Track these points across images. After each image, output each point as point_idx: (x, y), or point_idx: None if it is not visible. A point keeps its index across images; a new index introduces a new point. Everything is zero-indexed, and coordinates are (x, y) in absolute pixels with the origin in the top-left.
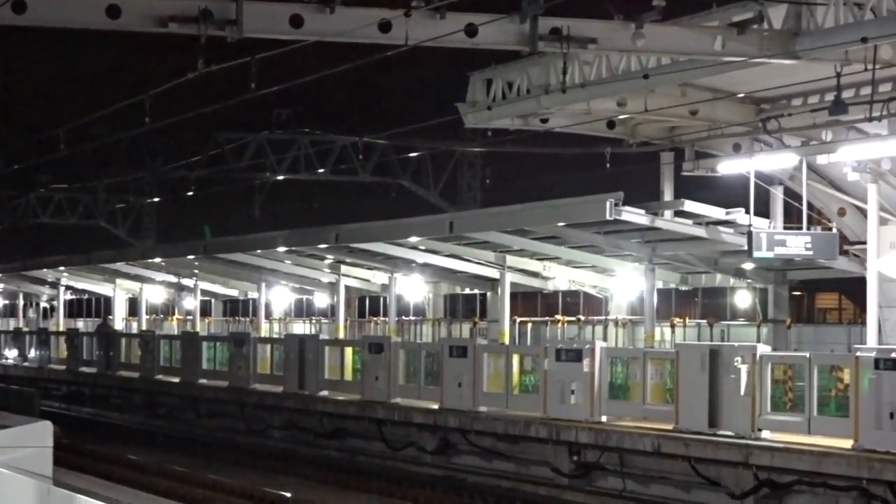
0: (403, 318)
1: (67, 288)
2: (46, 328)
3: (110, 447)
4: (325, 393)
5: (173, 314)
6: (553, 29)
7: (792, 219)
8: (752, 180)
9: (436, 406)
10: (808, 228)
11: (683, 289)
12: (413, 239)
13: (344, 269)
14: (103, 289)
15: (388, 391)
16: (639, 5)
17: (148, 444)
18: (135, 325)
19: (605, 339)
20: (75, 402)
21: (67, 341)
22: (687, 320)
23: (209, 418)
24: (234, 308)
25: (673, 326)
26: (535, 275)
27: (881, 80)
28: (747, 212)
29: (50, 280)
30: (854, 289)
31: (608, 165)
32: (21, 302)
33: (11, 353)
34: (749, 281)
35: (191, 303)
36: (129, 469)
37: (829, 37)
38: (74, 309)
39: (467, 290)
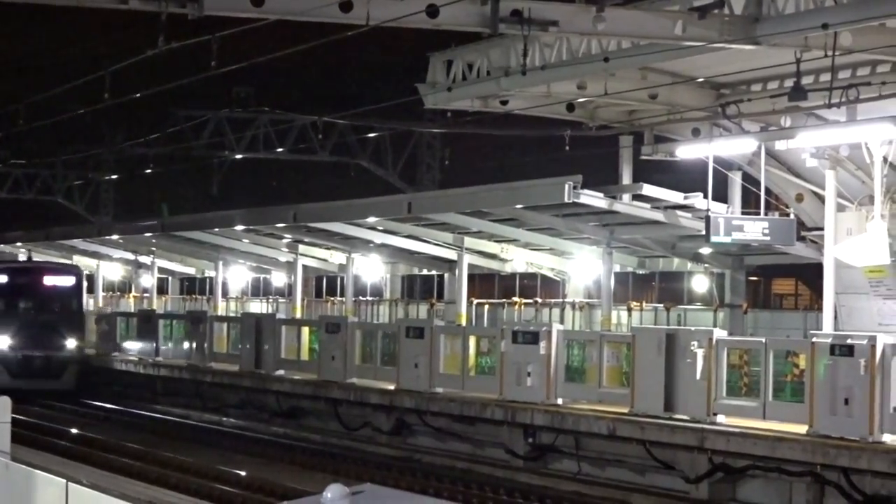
0: (360, 298)
1: None
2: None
3: (67, 425)
4: (281, 372)
5: (130, 291)
6: (514, 11)
7: (750, 204)
8: (711, 165)
9: (392, 387)
10: (766, 214)
11: (641, 272)
12: (371, 219)
13: (302, 248)
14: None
15: (344, 371)
16: None
17: (105, 423)
18: (91, 302)
19: (561, 321)
20: None
21: None
22: (644, 304)
23: (165, 396)
24: (192, 286)
25: (630, 310)
26: (492, 257)
27: (841, 66)
28: (705, 196)
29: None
30: (811, 275)
31: (567, 148)
32: None
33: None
34: (706, 265)
35: (148, 280)
36: (85, 446)
37: (790, 23)
38: None
39: (425, 271)
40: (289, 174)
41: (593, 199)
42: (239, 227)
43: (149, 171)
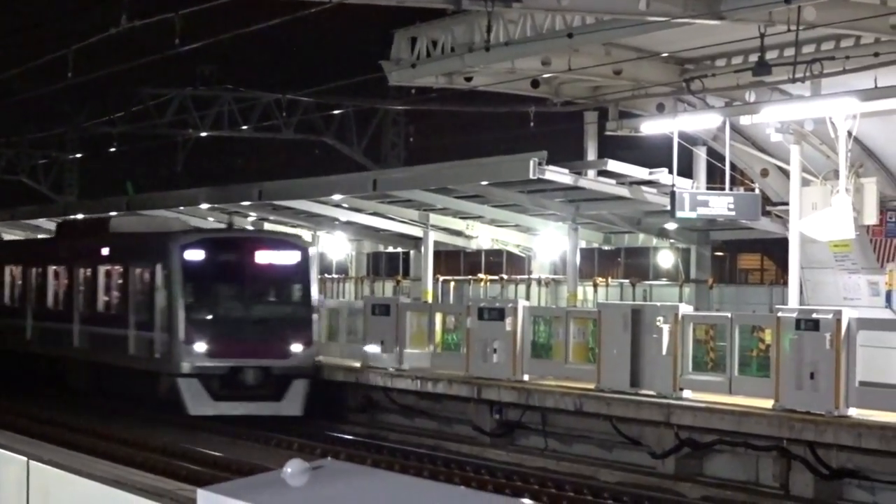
0: (326, 275)
1: None
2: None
3: (27, 406)
4: None
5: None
6: None
7: (715, 179)
8: (676, 140)
9: (358, 364)
10: (731, 189)
11: (606, 248)
12: (336, 197)
13: (267, 226)
14: None
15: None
16: None
17: (56, 401)
18: None
19: (527, 298)
20: None
21: None
22: (610, 280)
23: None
24: None
25: (595, 286)
26: (458, 233)
27: (804, 41)
28: (670, 172)
29: None
30: (776, 249)
31: (532, 124)
32: None
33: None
34: (672, 241)
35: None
36: (49, 426)
37: None
38: None
39: (390, 249)
40: (253, 152)
41: (558, 175)
42: (204, 206)
43: (113, 149)
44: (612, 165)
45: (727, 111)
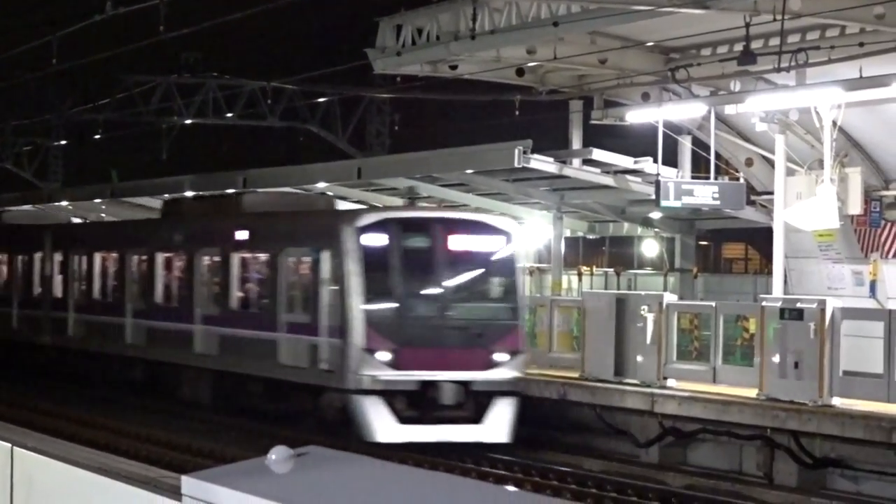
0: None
1: None
2: None
3: (10, 393)
4: None
5: None
6: None
7: (700, 168)
8: (661, 129)
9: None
10: (716, 178)
11: (591, 237)
12: (321, 184)
13: None
14: None
15: None
16: None
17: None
18: None
19: None
20: None
21: None
22: (594, 269)
23: None
24: None
25: (580, 275)
26: None
27: (790, 30)
28: (655, 161)
29: None
30: (760, 239)
31: (517, 113)
32: None
33: None
34: (656, 230)
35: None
36: (34, 413)
37: None
38: None
39: None
40: (238, 139)
41: (543, 163)
42: (188, 193)
43: (98, 136)
44: (597, 154)
45: (712, 100)
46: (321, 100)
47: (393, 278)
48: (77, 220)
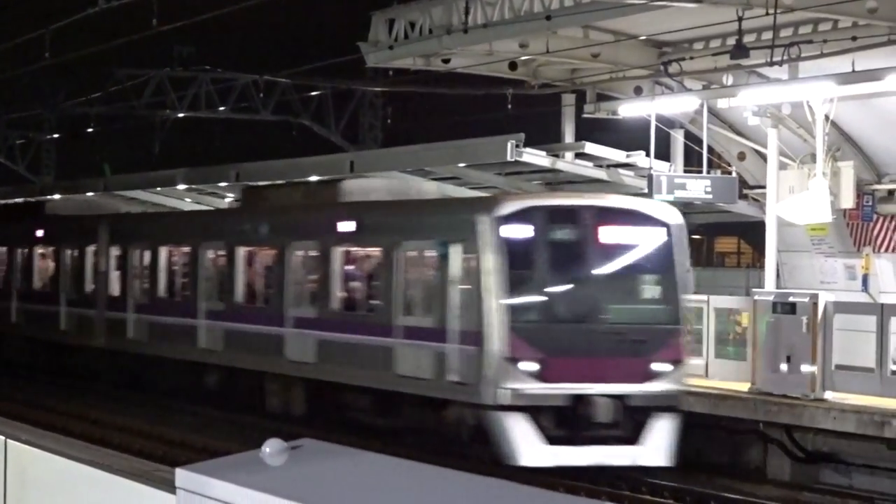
0: None
1: None
2: None
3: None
4: None
5: None
6: None
7: (692, 162)
8: (653, 123)
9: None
10: (708, 172)
11: None
12: (314, 178)
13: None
14: None
15: None
16: None
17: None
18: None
19: None
20: None
21: None
22: None
23: None
24: None
25: None
26: None
27: (782, 25)
28: (648, 155)
29: None
30: (753, 233)
31: (510, 107)
32: None
33: None
34: None
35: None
36: (27, 408)
37: None
38: None
39: None
40: (231, 133)
41: (536, 157)
42: (181, 187)
43: (90, 130)
44: (590, 148)
45: (705, 94)
46: (314, 93)
47: (539, 276)
48: (129, 211)
